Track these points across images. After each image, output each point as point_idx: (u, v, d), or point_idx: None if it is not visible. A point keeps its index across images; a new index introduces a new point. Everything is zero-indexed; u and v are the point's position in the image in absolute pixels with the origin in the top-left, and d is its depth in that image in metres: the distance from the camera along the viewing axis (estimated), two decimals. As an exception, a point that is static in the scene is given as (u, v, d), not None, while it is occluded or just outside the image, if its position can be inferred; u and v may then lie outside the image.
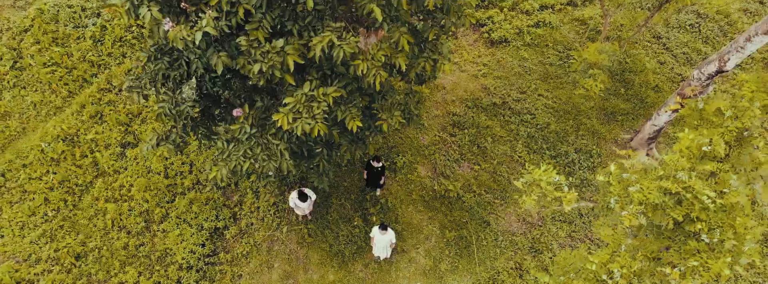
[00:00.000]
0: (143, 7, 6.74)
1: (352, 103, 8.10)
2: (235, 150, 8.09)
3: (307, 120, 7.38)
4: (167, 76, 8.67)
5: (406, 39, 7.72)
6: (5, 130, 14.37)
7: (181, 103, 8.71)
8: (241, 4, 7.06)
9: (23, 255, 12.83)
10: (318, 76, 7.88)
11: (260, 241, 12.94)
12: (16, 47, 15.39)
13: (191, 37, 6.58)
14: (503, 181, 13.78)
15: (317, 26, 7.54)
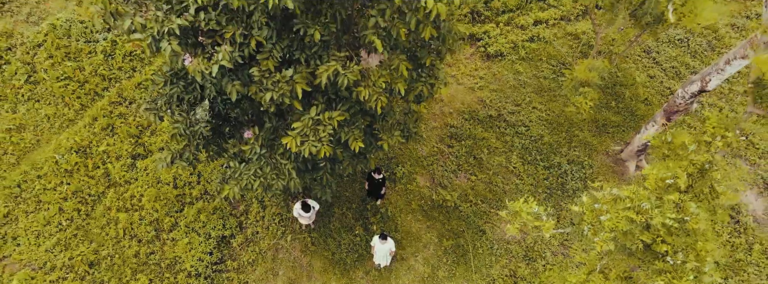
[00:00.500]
0: (164, 42, 7.34)
1: (355, 124, 8.70)
2: (246, 169, 8.68)
3: (314, 142, 7.97)
4: (182, 98, 9.27)
5: (405, 65, 8.33)
6: (20, 142, 14.95)
7: (194, 124, 9.31)
8: (253, 37, 7.67)
9: (39, 263, 13.40)
10: (323, 100, 8.47)
11: (265, 249, 13.53)
12: (30, 61, 15.97)
13: (209, 70, 7.18)
14: (499, 191, 14.38)
15: (323, 55, 8.14)
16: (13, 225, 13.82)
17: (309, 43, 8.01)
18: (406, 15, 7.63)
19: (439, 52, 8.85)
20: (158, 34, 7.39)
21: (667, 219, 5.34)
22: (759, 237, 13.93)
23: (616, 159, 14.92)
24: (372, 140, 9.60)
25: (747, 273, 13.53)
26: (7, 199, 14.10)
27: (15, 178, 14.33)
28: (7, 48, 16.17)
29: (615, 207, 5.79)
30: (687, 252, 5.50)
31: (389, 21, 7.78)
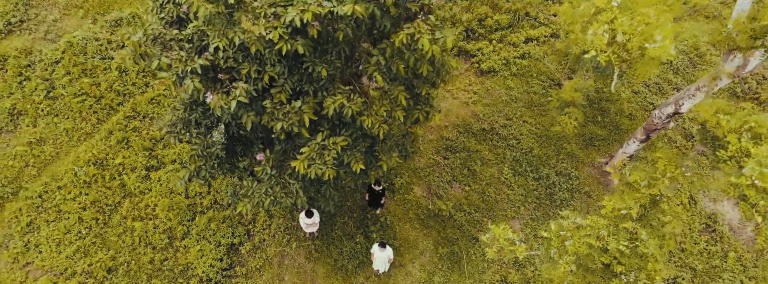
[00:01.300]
0: (187, 79, 8.27)
1: (356, 147, 9.64)
2: (258, 188, 9.63)
3: (320, 165, 8.92)
4: (199, 122, 10.21)
5: (404, 95, 9.28)
6: (40, 154, 15.87)
7: (210, 146, 10.25)
8: (266, 72, 8.61)
9: (60, 269, 14.34)
10: (328, 126, 9.41)
11: (272, 256, 14.47)
12: (49, 78, 16.89)
13: (228, 105, 8.12)
14: (491, 201, 15.32)
15: (329, 87, 9.08)
16: (35, 233, 14.75)
17: (316, 77, 8.94)
18: (404, 54, 8.57)
19: (434, 83, 9.78)
20: (182, 73, 8.33)
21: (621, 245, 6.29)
22: (734, 245, 14.89)
23: (602, 171, 15.87)
24: (372, 159, 10.53)
25: (722, 279, 14.48)
26: (29, 209, 15.02)
27: (36, 189, 15.26)
28: (27, 65, 17.08)
29: (577, 233, 6.74)
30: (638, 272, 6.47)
31: (389, 59, 8.73)
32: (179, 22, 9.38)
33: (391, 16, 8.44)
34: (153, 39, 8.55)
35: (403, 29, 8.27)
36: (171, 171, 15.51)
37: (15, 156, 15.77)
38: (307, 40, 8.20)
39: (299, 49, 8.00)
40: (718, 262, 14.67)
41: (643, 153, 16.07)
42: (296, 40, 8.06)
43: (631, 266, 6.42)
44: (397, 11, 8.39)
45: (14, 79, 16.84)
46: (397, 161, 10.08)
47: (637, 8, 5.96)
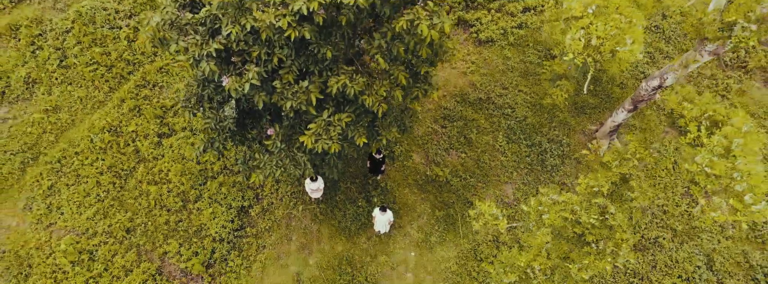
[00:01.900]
0: (203, 62, 8.96)
1: (359, 123, 10.40)
2: (269, 160, 10.46)
3: (326, 140, 9.71)
4: (212, 98, 10.94)
5: (403, 76, 9.97)
6: (57, 121, 16.65)
7: (223, 120, 11.02)
8: (275, 55, 9.29)
9: (81, 229, 15.36)
10: (333, 104, 10.15)
11: (280, 218, 15.47)
12: (61, 46, 17.46)
13: (242, 87, 8.83)
14: (485, 167, 16.19)
15: (333, 68, 9.77)
16: (56, 196, 15.70)
17: (321, 58, 9.61)
18: (405, 38, 9.22)
19: (432, 62, 10.45)
20: (198, 56, 9.01)
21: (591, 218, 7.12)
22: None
23: (591, 138, 16.67)
24: (374, 133, 11.31)
25: (701, 238, 15.49)
26: (49, 173, 15.93)
27: (55, 155, 16.12)
28: (39, 34, 17.63)
29: (554, 208, 7.57)
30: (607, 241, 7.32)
31: (390, 42, 9.38)
32: (192, 5, 9.98)
33: (391, 3, 9.03)
34: (170, 24, 9.17)
35: (404, 15, 8.89)
36: (182, 138, 16.32)
37: (33, 123, 16.55)
38: (313, 26, 8.84)
39: (306, 35, 8.65)
40: (698, 223, 15.66)
41: (631, 121, 16.83)
42: (303, 27, 8.70)
43: (601, 235, 7.28)
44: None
45: (27, 48, 17.42)
46: (396, 135, 10.87)
47: (610, 13, 6.55)
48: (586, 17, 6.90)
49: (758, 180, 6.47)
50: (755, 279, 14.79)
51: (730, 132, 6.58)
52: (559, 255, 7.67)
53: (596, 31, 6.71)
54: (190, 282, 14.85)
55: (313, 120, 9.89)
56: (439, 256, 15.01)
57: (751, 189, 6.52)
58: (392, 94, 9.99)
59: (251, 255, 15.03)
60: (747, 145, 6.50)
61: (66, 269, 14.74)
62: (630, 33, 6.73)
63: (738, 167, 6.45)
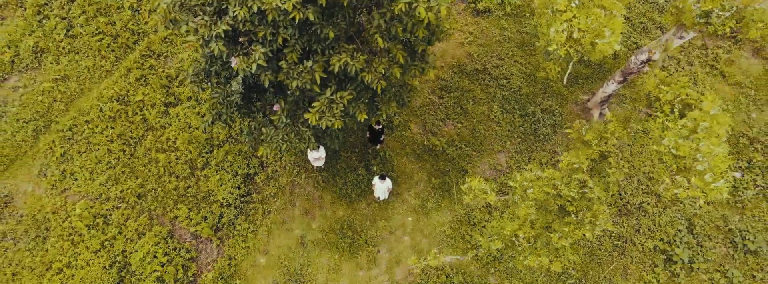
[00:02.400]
0: (212, 43, 9.47)
1: (360, 99, 10.99)
2: (275, 135, 11.09)
3: (329, 117, 10.33)
4: (219, 73, 11.48)
5: (401, 54, 10.50)
6: (66, 90, 17.18)
7: (230, 94, 11.58)
8: (280, 35, 9.79)
9: (95, 194, 16.13)
10: (335, 81, 10.70)
11: (284, 185, 16.22)
12: (66, 16, 17.81)
13: (249, 67, 9.37)
14: (480, 137, 16.85)
15: (335, 46, 10.29)
16: (69, 163, 16.41)
17: (324, 38, 10.11)
18: (403, 19, 9.70)
19: (430, 41, 10.94)
20: (207, 37, 9.51)
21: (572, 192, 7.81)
22: (696, 176, 16.61)
23: (584, 108, 17.27)
24: (374, 107, 11.91)
25: (683, 203, 16.30)
26: (62, 141, 16.58)
27: (67, 123, 16.73)
28: (44, 3, 17.93)
29: (537, 183, 8.25)
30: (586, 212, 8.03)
31: (389, 22, 9.86)
32: (200, -14, 10.38)
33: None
34: (180, 5, 9.63)
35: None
36: (188, 107, 16.89)
37: (43, 91, 17.09)
38: (317, 8, 9.31)
39: (310, 16, 9.13)
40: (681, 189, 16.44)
41: (622, 91, 17.39)
42: (307, 9, 9.17)
43: (581, 207, 7.98)
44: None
45: (34, 18, 17.77)
46: (395, 110, 11.47)
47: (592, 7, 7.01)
48: (570, 11, 7.39)
49: (718, 161, 7.12)
50: (733, 242, 15.69)
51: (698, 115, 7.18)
52: (541, 225, 8.41)
53: (578, 24, 7.21)
54: (200, 244, 15.73)
55: (316, 97, 10.47)
56: (435, 221, 15.85)
57: (711, 168, 7.18)
58: (391, 72, 10.54)
59: (257, 219, 15.86)
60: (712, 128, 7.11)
61: (82, 232, 15.58)
62: (610, 25, 7.23)
63: (701, 149, 7.09)
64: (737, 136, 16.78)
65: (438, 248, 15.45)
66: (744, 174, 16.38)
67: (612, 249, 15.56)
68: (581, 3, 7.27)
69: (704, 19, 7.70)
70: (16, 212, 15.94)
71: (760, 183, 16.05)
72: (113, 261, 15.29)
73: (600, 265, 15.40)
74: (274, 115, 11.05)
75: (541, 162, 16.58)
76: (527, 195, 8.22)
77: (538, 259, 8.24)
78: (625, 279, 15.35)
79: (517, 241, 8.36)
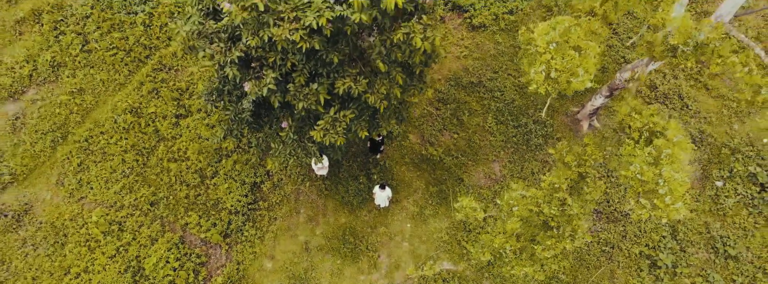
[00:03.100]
0: (227, 68, 10.36)
1: (362, 117, 11.88)
2: (283, 149, 11.98)
3: (333, 134, 11.21)
4: (231, 92, 12.37)
5: (401, 76, 11.38)
6: (82, 103, 18.07)
7: (241, 112, 12.47)
8: (289, 60, 10.68)
9: (110, 202, 17.02)
10: (339, 101, 11.59)
11: (289, 193, 17.11)
12: (81, 32, 18.69)
13: (261, 91, 10.26)
14: (475, 146, 17.73)
15: (339, 70, 11.17)
16: (86, 172, 17.30)
17: (329, 62, 11.00)
18: (402, 47, 10.58)
19: (427, 63, 11.83)
20: (222, 62, 10.40)
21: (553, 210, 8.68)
22: (681, 185, 17.50)
23: (573, 119, 18.16)
24: (375, 123, 12.80)
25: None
26: (78, 151, 17.47)
27: (83, 134, 17.62)
28: (60, 19, 18.82)
29: (522, 201, 9.11)
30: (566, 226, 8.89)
31: (389, 48, 10.75)
32: (214, 13, 11.28)
33: (390, 16, 10.35)
34: (198, 33, 10.52)
35: (401, 27, 10.23)
36: (198, 118, 17.78)
37: (60, 104, 17.98)
38: (322, 37, 10.19)
39: (316, 45, 10.01)
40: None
41: (610, 104, 18.27)
42: (313, 38, 10.05)
43: (562, 222, 8.84)
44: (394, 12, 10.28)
45: (51, 33, 18.66)
46: (395, 126, 12.36)
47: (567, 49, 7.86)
48: (548, 53, 8.24)
49: (677, 186, 7.98)
50: (715, 248, 16.57)
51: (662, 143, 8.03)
52: (526, 238, 9.27)
53: (555, 65, 8.06)
54: (209, 250, 16.63)
55: (321, 116, 11.36)
56: (432, 227, 16.74)
57: (671, 192, 8.04)
58: (391, 92, 11.43)
59: (264, 226, 16.75)
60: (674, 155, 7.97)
61: (98, 238, 16.47)
62: (583, 65, 8.08)
63: (663, 174, 7.95)
64: (720, 146, 17.68)
65: (433, 257, 16.33)
66: (725, 183, 17.27)
67: (600, 255, 16.45)
68: (558, 45, 8.14)
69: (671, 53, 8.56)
70: (35, 219, 16.83)
71: (741, 192, 16.92)
72: (128, 266, 16.17)
73: (588, 270, 16.29)
74: (282, 131, 11.93)
75: (533, 171, 17.47)
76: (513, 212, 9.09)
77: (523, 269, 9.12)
78: (613, 283, 16.23)
79: (505, 253, 9.23)
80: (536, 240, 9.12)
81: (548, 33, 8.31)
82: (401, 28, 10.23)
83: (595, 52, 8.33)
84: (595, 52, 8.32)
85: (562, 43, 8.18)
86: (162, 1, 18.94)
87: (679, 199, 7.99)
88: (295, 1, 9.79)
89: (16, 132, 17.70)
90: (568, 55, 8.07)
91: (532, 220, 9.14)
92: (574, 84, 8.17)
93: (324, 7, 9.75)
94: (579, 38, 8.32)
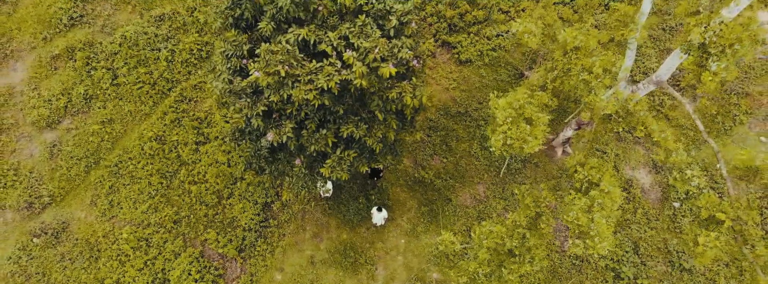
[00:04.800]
0: (253, 120, 12.60)
1: (363, 155, 14.14)
2: (296, 182, 14.23)
3: (339, 171, 13.47)
4: (251, 132, 14.61)
5: (394, 122, 13.65)
6: (112, 131, 20.27)
7: (260, 149, 14.71)
8: (303, 110, 12.94)
9: (137, 220, 19.22)
10: (343, 143, 13.85)
11: (296, 212, 19.34)
12: (111, 67, 20.91)
13: (281, 138, 12.51)
14: (462, 170, 20.01)
15: (344, 118, 13.43)
16: (116, 194, 19.50)
17: (335, 112, 13.26)
18: (395, 101, 12.85)
19: (417, 111, 14.09)
20: (249, 115, 12.65)
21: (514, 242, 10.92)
22: (643, 204, 19.82)
23: (549, 146, 20.45)
24: (374, 159, 15.06)
25: (631, 228, 19.50)
26: (109, 175, 19.67)
27: (113, 160, 19.82)
28: (92, 55, 21.02)
29: (490, 235, 11.35)
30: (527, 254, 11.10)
31: (385, 102, 13.01)
32: (241, 71, 13.52)
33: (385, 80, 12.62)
34: (229, 91, 12.77)
35: (395, 87, 12.51)
36: (215, 145, 20.01)
37: (92, 133, 20.17)
38: (331, 95, 12.45)
39: (326, 102, 12.27)
40: (629, 216, 19.65)
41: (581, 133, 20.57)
42: (324, 96, 12.31)
43: (523, 251, 11.07)
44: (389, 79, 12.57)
45: (83, 68, 20.86)
46: (391, 161, 14.63)
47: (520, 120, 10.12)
48: (505, 125, 10.47)
49: (604, 229, 10.22)
50: (671, 262, 18.87)
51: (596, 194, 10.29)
52: (496, 264, 11.49)
53: (511, 134, 10.28)
54: (226, 263, 18.85)
55: (328, 155, 13.62)
56: (424, 243, 19.00)
57: (599, 234, 10.27)
58: (387, 135, 13.70)
59: (274, 241, 18.98)
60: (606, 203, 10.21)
61: (128, 253, 18.67)
62: (533, 133, 10.30)
63: (594, 219, 10.18)
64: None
65: (424, 270, 18.59)
66: (682, 204, 19.58)
67: (570, 267, 18.74)
68: (513, 119, 10.36)
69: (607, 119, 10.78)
70: (71, 236, 19.02)
71: (695, 212, 19.23)
72: (155, 278, 18.38)
73: (560, 281, 18.58)
74: (295, 167, 14.18)
75: (513, 192, 19.74)
76: (483, 244, 11.33)
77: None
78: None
79: (478, 276, 11.46)
80: (503, 265, 11.36)
81: (506, 109, 10.56)
82: (395, 87, 12.51)
83: (544, 121, 10.57)
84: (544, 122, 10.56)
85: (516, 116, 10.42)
86: (182, 40, 21.15)
87: (605, 240, 10.22)
88: (309, 67, 12.07)
89: (54, 158, 19.90)
90: (521, 127, 10.30)
91: (499, 249, 11.38)
92: (526, 149, 10.40)
93: (333, 71, 12.03)
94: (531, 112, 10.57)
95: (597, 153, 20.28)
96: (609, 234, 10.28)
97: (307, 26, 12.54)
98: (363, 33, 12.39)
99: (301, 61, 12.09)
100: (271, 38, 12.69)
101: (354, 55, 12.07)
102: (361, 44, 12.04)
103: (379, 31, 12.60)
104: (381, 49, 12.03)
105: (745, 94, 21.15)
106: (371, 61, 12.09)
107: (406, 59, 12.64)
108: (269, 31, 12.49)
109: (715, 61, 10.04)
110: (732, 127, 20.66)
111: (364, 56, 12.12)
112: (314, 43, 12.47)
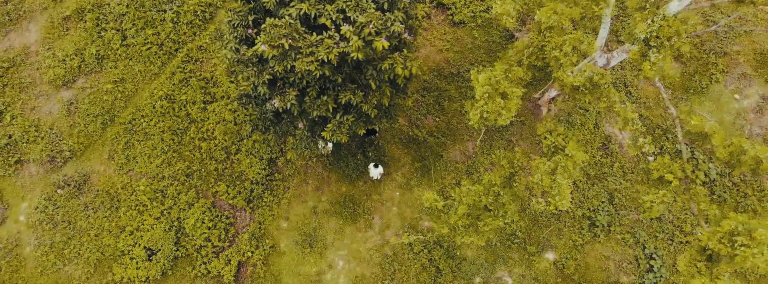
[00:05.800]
0: (259, 87, 13.90)
1: (360, 119, 15.51)
2: (299, 143, 15.68)
3: (339, 134, 14.88)
4: (257, 97, 15.93)
5: (388, 90, 14.94)
6: (124, 90, 21.52)
7: (265, 113, 16.07)
8: (305, 79, 14.21)
9: (152, 174, 20.81)
10: (342, 108, 15.19)
11: (299, 167, 20.89)
12: (120, 28, 21.90)
13: (286, 104, 13.83)
14: (453, 128, 21.41)
15: (342, 86, 14.71)
16: (132, 149, 20.99)
17: (334, 80, 14.53)
18: (387, 71, 14.09)
19: (409, 79, 15.34)
20: (256, 83, 13.93)
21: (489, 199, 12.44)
22: (619, 158, 21.36)
23: (535, 104, 21.78)
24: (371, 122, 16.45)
25: (607, 180, 21.10)
26: (124, 132, 21.10)
27: (127, 117, 21.20)
28: (101, 16, 21.97)
29: (468, 193, 12.84)
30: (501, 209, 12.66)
31: (379, 72, 14.26)
32: (246, 40, 14.67)
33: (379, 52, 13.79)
34: (237, 60, 13.98)
35: (387, 59, 13.72)
36: (222, 104, 21.32)
37: (106, 91, 21.44)
38: (330, 65, 13.68)
39: (326, 72, 13.52)
40: (606, 169, 21.23)
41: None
42: (324, 67, 13.54)
43: (497, 207, 12.61)
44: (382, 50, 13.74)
45: (94, 29, 21.86)
46: (386, 124, 16.00)
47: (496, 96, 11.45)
48: (482, 100, 11.72)
49: (563, 189, 11.71)
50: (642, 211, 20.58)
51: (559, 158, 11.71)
52: (473, 217, 13.09)
53: (486, 108, 11.55)
54: (236, 213, 20.60)
55: (328, 120, 14.99)
56: (416, 195, 20.68)
57: (560, 193, 11.77)
58: (381, 101, 15.02)
59: (279, 193, 20.65)
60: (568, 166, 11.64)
61: (146, 203, 20.38)
62: (507, 106, 11.58)
63: (557, 180, 11.65)
64: (654, 127, 21.43)
65: (417, 218, 20.35)
66: (656, 158, 21.10)
67: (550, 216, 20.51)
68: (489, 94, 11.62)
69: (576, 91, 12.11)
70: (93, 188, 20.67)
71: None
72: (171, 225, 20.17)
73: (540, 229, 20.39)
74: (298, 130, 15.58)
75: (500, 147, 21.24)
76: (463, 201, 12.89)
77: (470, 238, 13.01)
78: (559, 238, 20.36)
79: (458, 228, 13.07)
80: (480, 219, 12.98)
81: (484, 86, 11.83)
82: (387, 59, 13.73)
83: (518, 95, 11.86)
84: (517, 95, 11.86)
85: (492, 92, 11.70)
86: (187, 1, 22.04)
87: (564, 199, 11.77)
88: (310, 40, 13.25)
89: (71, 115, 21.26)
90: (496, 101, 11.62)
91: (476, 205, 12.96)
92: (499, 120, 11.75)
93: (332, 43, 13.21)
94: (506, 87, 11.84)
95: (579, 111, 21.64)
96: (568, 193, 11.81)
97: (307, 0, 13.60)
98: (359, 7, 13.46)
99: (302, 34, 13.24)
100: (274, 11, 13.78)
101: (350, 29, 13.21)
102: (357, 18, 13.16)
103: (374, 4, 13.68)
104: (375, 24, 13.16)
105: (724, 53, 22.27)
106: (366, 35, 13.24)
107: (399, 32, 13.78)
108: (272, 4, 13.57)
109: (654, 53, 11.26)
110: (708, 85, 21.92)
111: (360, 30, 13.25)
112: (314, 17, 13.58)
